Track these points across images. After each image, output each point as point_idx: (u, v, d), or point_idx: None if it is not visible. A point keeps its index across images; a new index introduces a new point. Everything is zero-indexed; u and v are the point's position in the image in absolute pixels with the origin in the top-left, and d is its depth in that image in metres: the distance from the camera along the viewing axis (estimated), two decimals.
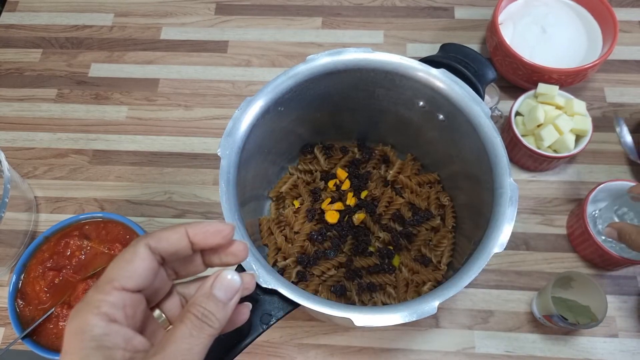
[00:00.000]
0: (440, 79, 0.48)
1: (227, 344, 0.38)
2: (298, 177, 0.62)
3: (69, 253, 0.55)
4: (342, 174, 0.61)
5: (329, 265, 0.56)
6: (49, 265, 0.54)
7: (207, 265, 0.31)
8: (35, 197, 0.67)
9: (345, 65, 0.49)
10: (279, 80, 0.48)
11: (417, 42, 0.77)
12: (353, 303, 0.55)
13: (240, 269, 0.41)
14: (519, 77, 0.67)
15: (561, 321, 0.51)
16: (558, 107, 0.62)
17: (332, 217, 0.58)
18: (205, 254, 0.31)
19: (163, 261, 0.28)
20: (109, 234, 0.56)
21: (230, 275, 0.27)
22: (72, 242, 0.55)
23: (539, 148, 0.61)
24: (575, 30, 0.69)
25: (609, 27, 0.67)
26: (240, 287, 0.28)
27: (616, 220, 0.58)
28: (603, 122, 0.68)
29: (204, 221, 0.29)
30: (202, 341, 0.26)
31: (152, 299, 0.30)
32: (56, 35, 0.79)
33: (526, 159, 0.63)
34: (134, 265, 0.26)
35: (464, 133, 0.49)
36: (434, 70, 0.48)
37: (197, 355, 0.25)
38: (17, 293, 0.53)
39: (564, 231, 0.62)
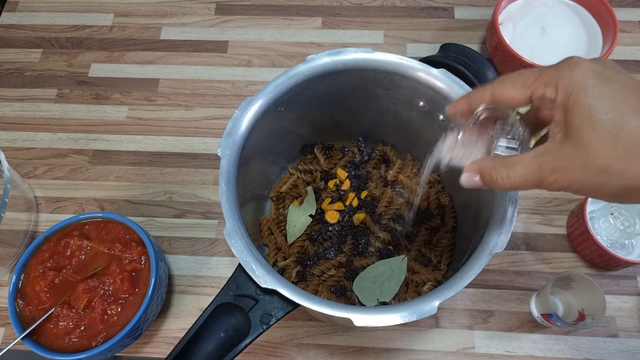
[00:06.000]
0: (440, 79, 0.48)
1: (227, 344, 0.39)
2: (298, 177, 0.62)
3: (69, 253, 0.55)
4: (342, 174, 0.61)
5: (329, 265, 0.56)
6: (49, 265, 0.54)
7: None
8: (35, 197, 0.67)
9: (345, 65, 0.49)
10: (279, 80, 0.48)
11: (417, 42, 0.77)
12: (353, 303, 0.55)
13: (240, 268, 0.41)
14: None
15: (558, 320, 0.51)
16: None
17: (332, 217, 0.58)
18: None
19: None
20: (109, 234, 0.56)
21: None
22: (72, 242, 0.55)
23: None
24: (575, 30, 0.69)
25: (609, 27, 0.67)
26: None
27: (611, 221, 0.58)
28: None
29: None
30: None
31: None
32: (56, 35, 0.79)
33: None
34: None
35: None
36: (434, 70, 0.48)
37: None
38: (17, 293, 0.53)
39: (564, 231, 0.62)
